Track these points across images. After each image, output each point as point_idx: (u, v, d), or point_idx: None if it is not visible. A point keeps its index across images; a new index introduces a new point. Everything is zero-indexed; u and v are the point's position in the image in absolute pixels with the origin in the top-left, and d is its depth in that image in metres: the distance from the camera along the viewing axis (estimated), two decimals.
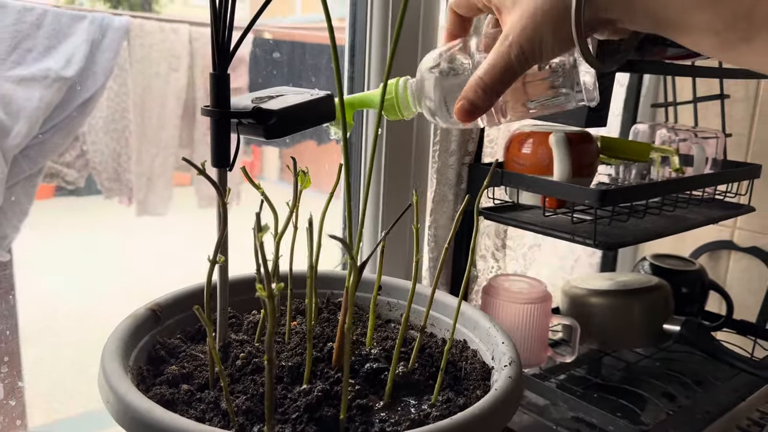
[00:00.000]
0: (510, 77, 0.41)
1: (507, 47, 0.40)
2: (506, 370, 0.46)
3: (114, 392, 0.41)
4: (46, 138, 1.66)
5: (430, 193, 0.80)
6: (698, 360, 0.87)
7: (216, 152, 0.45)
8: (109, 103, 1.81)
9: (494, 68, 0.41)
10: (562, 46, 0.40)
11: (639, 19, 0.37)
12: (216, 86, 0.44)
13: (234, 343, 0.51)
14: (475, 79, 0.41)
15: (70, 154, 1.82)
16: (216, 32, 0.43)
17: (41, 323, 1.45)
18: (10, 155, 1.57)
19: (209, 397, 0.45)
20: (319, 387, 0.45)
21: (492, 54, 0.41)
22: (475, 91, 0.41)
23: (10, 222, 1.59)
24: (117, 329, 0.48)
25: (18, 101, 1.58)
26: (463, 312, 0.57)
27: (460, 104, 0.42)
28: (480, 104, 0.42)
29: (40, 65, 1.59)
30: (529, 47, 0.40)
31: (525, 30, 0.39)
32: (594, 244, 0.66)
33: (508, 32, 0.40)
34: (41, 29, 1.59)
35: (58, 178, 1.85)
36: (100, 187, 1.86)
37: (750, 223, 1.04)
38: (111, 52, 1.71)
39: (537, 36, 0.39)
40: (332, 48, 0.41)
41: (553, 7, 0.39)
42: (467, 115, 0.42)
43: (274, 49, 1.29)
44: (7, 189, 1.55)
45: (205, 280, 0.46)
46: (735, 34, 0.34)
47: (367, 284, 0.61)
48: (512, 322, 0.77)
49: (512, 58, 0.40)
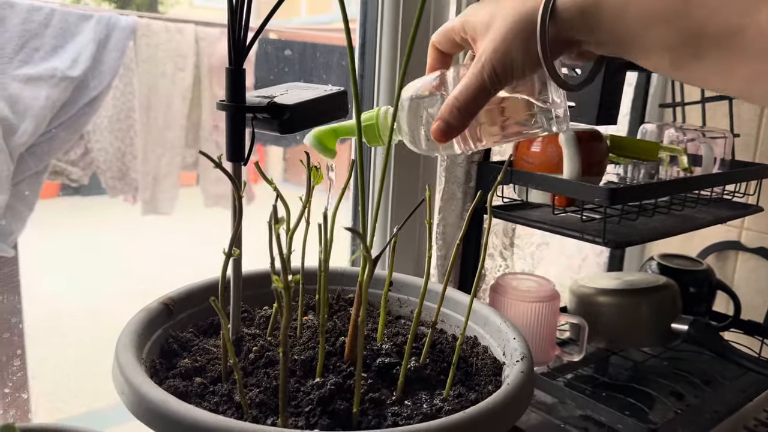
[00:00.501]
0: (483, 97, 0.42)
1: (480, 68, 0.42)
2: (518, 365, 0.46)
3: (129, 383, 0.41)
4: (53, 136, 1.67)
5: (438, 191, 0.81)
6: (706, 359, 0.87)
7: (231, 146, 0.46)
8: (114, 102, 1.82)
9: (468, 88, 0.42)
10: (531, 66, 0.41)
11: (602, 37, 0.39)
12: (231, 81, 0.44)
13: (246, 336, 0.51)
14: (451, 99, 0.43)
15: (74, 153, 1.82)
16: (232, 28, 0.43)
17: (46, 323, 1.45)
18: (16, 153, 1.57)
19: (222, 389, 0.45)
20: (332, 380, 0.45)
21: (466, 76, 0.43)
22: (450, 111, 0.43)
23: (15, 218, 1.59)
24: (130, 323, 0.49)
25: (25, 100, 1.59)
26: (474, 308, 0.57)
27: (436, 125, 0.44)
28: (455, 124, 0.43)
29: (47, 64, 1.59)
30: (500, 67, 0.41)
31: (496, 51, 0.41)
32: (603, 242, 0.66)
33: (481, 54, 0.42)
34: (48, 28, 1.59)
35: (63, 176, 1.86)
36: (104, 186, 1.86)
37: (758, 223, 1.04)
38: (117, 52, 1.71)
39: (507, 56, 0.41)
40: (348, 47, 0.42)
41: (522, 28, 0.40)
42: (443, 135, 0.44)
43: (286, 47, 1.29)
44: (13, 186, 1.55)
45: (220, 274, 0.46)
46: (687, 50, 0.36)
47: (377, 281, 0.61)
48: (520, 321, 0.77)
49: (485, 78, 0.42)
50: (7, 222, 1.55)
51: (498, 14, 0.42)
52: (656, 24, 0.36)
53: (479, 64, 0.42)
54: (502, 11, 0.42)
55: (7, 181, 1.56)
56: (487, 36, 0.42)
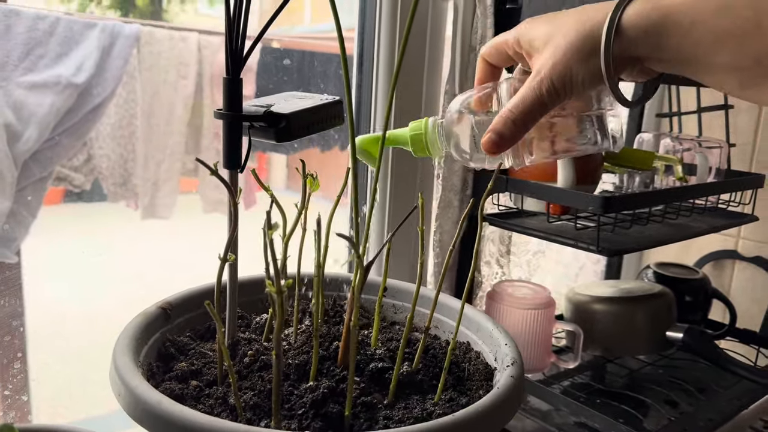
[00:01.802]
0: (539, 111, 0.42)
1: (538, 82, 0.42)
2: (508, 370, 0.47)
3: (125, 385, 0.42)
4: (56, 143, 1.69)
5: (435, 199, 0.82)
6: (701, 368, 0.87)
7: (228, 154, 0.47)
8: (117, 109, 1.84)
9: (524, 101, 0.42)
10: (591, 82, 0.41)
11: (667, 56, 0.39)
12: (229, 90, 0.45)
13: (242, 341, 0.52)
14: (506, 111, 0.43)
15: (77, 159, 1.84)
16: (230, 38, 0.44)
17: (48, 327, 1.46)
18: (20, 159, 1.59)
19: (218, 392, 0.46)
20: (325, 384, 0.46)
21: (522, 89, 0.43)
22: (504, 123, 0.43)
23: (19, 225, 1.61)
24: (128, 326, 0.50)
25: (29, 107, 1.60)
26: (467, 314, 0.57)
27: (488, 137, 0.43)
28: (508, 136, 0.43)
29: (51, 72, 1.61)
30: (560, 82, 0.41)
31: (556, 66, 0.41)
32: (597, 250, 0.67)
33: (540, 68, 0.42)
34: (53, 36, 1.61)
35: (66, 182, 1.87)
36: (106, 192, 1.88)
37: (754, 232, 1.05)
38: (121, 60, 1.73)
39: (567, 71, 0.41)
40: (342, 56, 0.43)
41: (583, 45, 0.41)
42: (495, 147, 0.43)
43: (284, 57, 1.31)
44: (17, 192, 1.57)
45: (216, 279, 0.47)
46: (759, 70, 0.36)
47: (372, 286, 0.62)
48: (516, 328, 0.78)
49: (543, 92, 0.42)
50: (10, 228, 1.57)
51: (558, 30, 0.42)
52: (726, 44, 0.36)
53: (538, 77, 0.42)
54: (563, 28, 0.42)
55: (11, 188, 1.58)
56: (546, 51, 0.42)
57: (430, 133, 0.49)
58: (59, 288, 1.67)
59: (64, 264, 1.82)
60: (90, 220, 2.05)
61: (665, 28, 0.38)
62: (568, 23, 0.42)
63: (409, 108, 0.78)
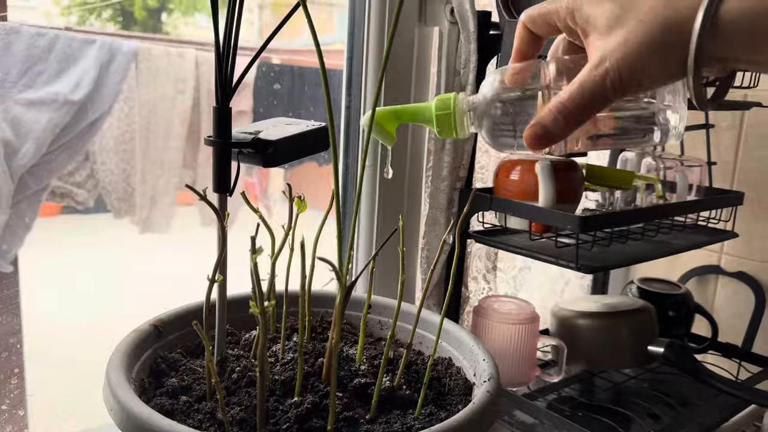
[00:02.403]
0: (599, 105, 0.38)
1: (603, 72, 0.36)
2: (485, 385, 0.49)
3: (117, 400, 0.44)
4: (53, 157, 1.71)
5: (423, 217, 0.84)
6: (685, 382, 0.89)
7: (217, 179, 0.49)
8: (119, 124, 1.86)
9: (583, 95, 0.37)
10: (667, 79, 0.37)
11: (761, 57, 0.35)
12: (218, 119, 0.47)
13: (231, 357, 0.54)
14: (556, 104, 0.38)
15: (80, 174, 1.86)
16: (219, 69, 0.47)
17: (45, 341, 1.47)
18: (17, 174, 1.61)
19: (206, 407, 0.48)
20: (309, 400, 0.48)
21: (581, 77, 0.37)
22: (554, 117, 0.38)
23: (14, 236, 1.63)
24: (121, 343, 0.52)
25: (27, 123, 1.63)
26: (449, 331, 0.60)
27: (532, 130, 0.39)
28: (556, 132, 0.38)
29: (49, 88, 1.64)
30: (628, 76, 0.36)
31: (628, 57, 0.36)
32: (576, 267, 0.69)
33: (605, 56, 0.37)
34: (52, 53, 1.64)
35: (69, 198, 1.90)
36: (110, 208, 1.90)
37: (736, 248, 1.07)
38: (119, 76, 1.76)
39: (641, 66, 0.36)
40: (324, 82, 0.45)
41: (666, 37, 0.35)
42: (540, 143, 0.39)
43: (275, 81, 1.34)
44: (13, 205, 1.59)
45: (204, 299, 0.49)
46: None
47: (359, 303, 0.64)
48: (501, 342, 0.80)
49: (607, 86, 0.37)
50: (4, 239, 1.59)
51: (630, 13, 0.36)
52: None
53: (602, 68, 0.36)
54: (637, 11, 0.36)
55: (7, 201, 1.60)
56: (614, 36, 0.36)
57: (458, 112, 0.43)
58: (57, 300, 1.69)
59: (63, 276, 1.83)
60: (88, 232, 2.07)
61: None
62: (643, 4, 0.36)
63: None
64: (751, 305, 1.05)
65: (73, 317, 1.76)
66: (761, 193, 1.04)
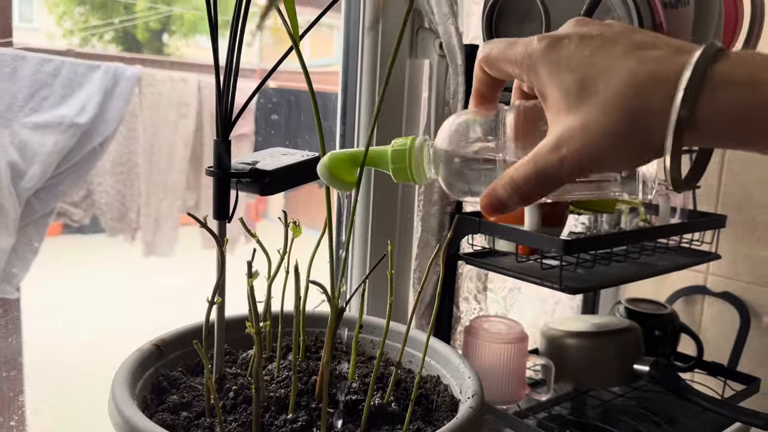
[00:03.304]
0: (553, 188, 0.36)
1: (559, 158, 0.34)
2: (469, 401, 0.52)
3: (122, 416, 0.46)
4: (58, 181, 1.75)
5: (415, 240, 0.87)
6: (672, 400, 0.92)
7: (217, 206, 0.52)
8: (117, 146, 1.91)
9: (537, 175, 0.35)
10: (632, 167, 0.35)
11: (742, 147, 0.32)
12: (218, 151, 0.51)
13: (228, 375, 0.57)
14: (509, 181, 0.36)
15: (77, 194, 1.90)
16: (219, 105, 0.50)
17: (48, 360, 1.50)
18: (24, 197, 1.65)
19: (205, 423, 0.50)
20: (303, 416, 0.51)
21: (535, 158, 0.35)
22: (508, 193, 0.36)
23: (21, 260, 1.66)
24: (125, 362, 0.55)
25: (33, 146, 1.67)
26: (438, 350, 0.62)
27: (488, 200, 0.37)
28: (510, 205, 0.37)
29: (55, 112, 1.69)
30: (588, 164, 0.33)
31: (588, 147, 0.33)
32: (560, 288, 0.72)
33: (563, 141, 0.33)
34: (58, 78, 1.69)
35: (65, 217, 1.93)
36: (104, 226, 1.93)
37: (722, 269, 1.10)
38: (123, 100, 1.81)
39: (602, 156, 0.33)
40: (317, 121, 0.49)
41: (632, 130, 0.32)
42: (494, 212, 0.38)
43: (273, 112, 1.39)
44: (19, 229, 1.63)
45: (204, 320, 0.52)
46: None
47: (353, 323, 0.67)
48: (491, 361, 0.83)
49: (564, 171, 0.34)
50: (11, 264, 1.62)
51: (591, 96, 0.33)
52: None
53: (559, 153, 0.33)
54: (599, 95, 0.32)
55: (14, 225, 1.64)
56: (572, 117, 0.33)
57: (416, 156, 0.42)
58: (58, 320, 1.71)
59: (64, 296, 1.86)
60: (89, 251, 2.10)
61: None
62: (610, 80, 0.32)
63: None
64: (737, 325, 1.07)
65: (75, 337, 1.78)
66: (744, 216, 1.07)
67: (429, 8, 0.77)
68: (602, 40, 0.34)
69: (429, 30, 0.81)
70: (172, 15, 3.41)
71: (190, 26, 3.50)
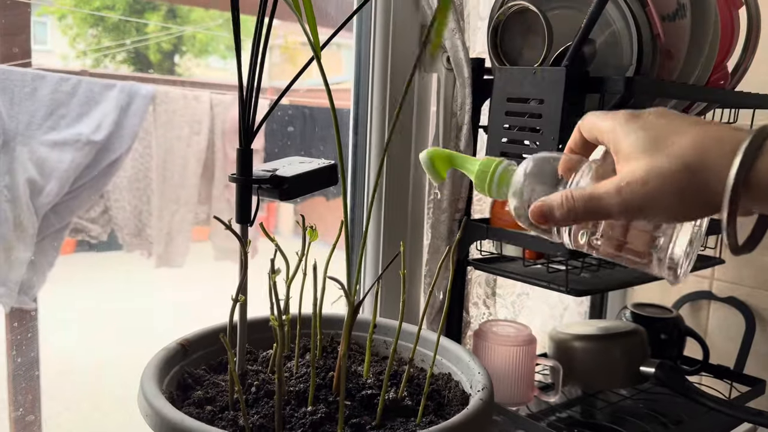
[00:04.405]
0: (601, 215, 0.39)
1: (616, 189, 0.37)
2: (479, 394, 0.54)
3: (152, 407, 0.49)
4: (75, 196, 1.80)
5: (426, 246, 0.90)
6: (679, 402, 0.93)
7: (240, 211, 0.56)
8: (133, 164, 1.95)
9: (590, 197, 0.38)
10: (684, 219, 0.38)
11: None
12: (242, 159, 0.54)
13: (250, 372, 0.60)
14: (567, 194, 0.40)
15: (94, 211, 1.95)
16: (243, 116, 0.54)
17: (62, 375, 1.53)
18: (41, 212, 1.70)
19: (229, 416, 0.53)
20: (322, 408, 0.53)
21: (596, 186, 0.39)
22: (560, 203, 0.40)
23: (38, 273, 1.70)
24: (152, 359, 0.57)
25: (51, 163, 1.72)
26: (450, 349, 0.65)
27: (539, 206, 0.41)
28: (557, 217, 0.40)
29: (72, 130, 1.74)
30: (641, 201, 0.37)
31: (647, 190, 0.36)
32: (567, 291, 0.75)
33: (625, 177, 0.37)
34: (75, 97, 1.75)
35: (83, 233, 1.98)
36: (121, 242, 1.97)
37: (726, 274, 1.12)
38: (137, 118, 1.86)
39: (657, 200, 0.36)
40: (335, 124, 0.52)
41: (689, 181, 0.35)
42: (540, 219, 0.41)
43: (288, 124, 1.43)
44: (36, 242, 1.67)
45: (228, 318, 0.55)
46: None
47: (367, 325, 0.70)
48: (500, 364, 0.85)
49: (615, 202, 0.37)
50: (29, 276, 1.66)
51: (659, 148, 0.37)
52: None
53: (619, 184, 0.37)
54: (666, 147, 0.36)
55: (32, 238, 1.68)
56: (637, 163, 0.37)
57: (496, 177, 0.46)
58: (73, 335, 1.75)
59: (79, 312, 1.90)
60: (102, 269, 2.14)
61: None
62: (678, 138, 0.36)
63: (398, 166, 0.87)
64: (742, 329, 1.09)
65: (89, 353, 1.81)
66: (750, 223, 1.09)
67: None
68: (675, 116, 0.39)
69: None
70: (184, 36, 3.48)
71: (201, 47, 3.57)
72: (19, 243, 1.53)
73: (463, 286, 0.90)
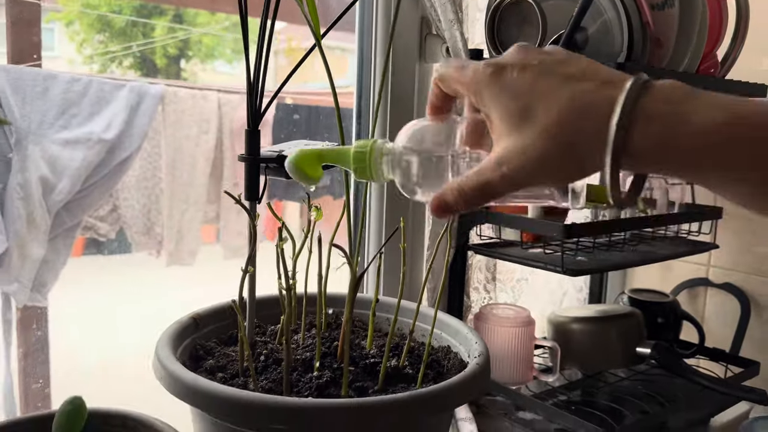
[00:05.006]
0: (493, 198, 0.40)
1: (499, 176, 0.38)
2: (476, 359, 0.58)
3: (166, 369, 0.53)
4: (86, 194, 1.84)
5: (427, 231, 0.93)
6: (676, 383, 0.96)
7: (248, 189, 0.59)
8: (142, 163, 1.99)
9: (480, 186, 0.39)
10: (569, 183, 0.39)
11: (686, 175, 0.36)
12: (250, 139, 0.58)
13: (259, 343, 0.63)
14: (457, 187, 0.40)
15: (103, 209, 1.99)
16: (250, 97, 0.57)
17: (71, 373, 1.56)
18: (53, 210, 1.74)
19: (239, 381, 0.56)
20: (327, 374, 0.56)
21: (480, 172, 0.39)
22: (454, 197, 0.41)
23: (50, 270, 1.74)
24: (166, 331, 0.61)
25: (63, 161, 1.77)
26: (448, 323, 0.68)
27: (437, 202, 0.42)
28: (456, 208, 0.41)
29: (83, 129, 1.78)
30: (526, 181, 0.38)
31: (524, 168, 0.37)
32: (563, 271, 0.78)
33: (503, 160, 0.38)
34: (86, 97, 1.79)
35: (92, 231, 2.02)
36: (130, 240, 2.01)
37: (723, 260, 1.14)
38: (147, 117, 1.90)
39: (537, 177, 0.37)
40: (337, 112, 0.55)
41: (568, 155, 0.36)
42: (441, 214, 0.42)
43: (295, 112, 1.48)
44: (49, 240, 1.71)
45: (238, 292, 0.59)
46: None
47: (369, 303, 0.73)
48: (500, 345, 0.88)
49: (502, 187, 0.38)
50: (41, 274, 1.70)
51: (531, 121, 0.36)
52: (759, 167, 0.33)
53: (500, 171, 0.38)
54: (539, 122, 0.36)
55: (44, 236, 1.72)
56: (513, 139, 0.37)
57: (375, 157, 0.45)
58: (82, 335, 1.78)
59: (90, 313, 1.93)
60: (110, 270, 2.18)
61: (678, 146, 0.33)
62: (547, 109, 0.36)
63: None
64: (738, 314, 1.11)
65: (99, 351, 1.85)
66: (742, 209, 1.11)
67: (436, 16, 0.84)
68: (540, 70, 0.37)
69: (436, 36, 0.88)
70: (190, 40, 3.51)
71: (207, 51, 3.61)
72: (32, 240, 1.57)
73: (464, 271, 0.93)
